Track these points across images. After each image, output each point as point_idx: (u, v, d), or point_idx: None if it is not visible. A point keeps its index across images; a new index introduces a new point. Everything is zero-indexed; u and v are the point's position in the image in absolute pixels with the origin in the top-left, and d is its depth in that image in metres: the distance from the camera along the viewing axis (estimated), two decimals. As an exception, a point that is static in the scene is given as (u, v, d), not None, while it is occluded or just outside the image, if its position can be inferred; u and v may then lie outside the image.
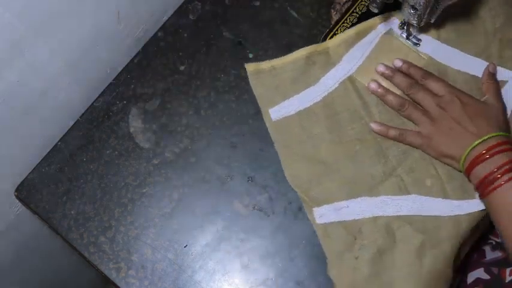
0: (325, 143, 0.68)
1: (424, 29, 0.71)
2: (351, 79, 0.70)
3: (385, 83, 0.69)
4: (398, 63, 0.69)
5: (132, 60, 0.74)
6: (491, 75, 0.67)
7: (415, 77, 0.67)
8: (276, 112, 0.70)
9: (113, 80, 0.73)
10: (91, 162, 0.70)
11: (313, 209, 0.66)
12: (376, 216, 0.65)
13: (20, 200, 0.69)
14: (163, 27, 0.75)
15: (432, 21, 0.66)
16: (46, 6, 0.59)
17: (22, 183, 0.69)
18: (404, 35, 0.71)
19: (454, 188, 0.65)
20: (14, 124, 0.67)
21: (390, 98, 0.67)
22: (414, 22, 0.66)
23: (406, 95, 0.67)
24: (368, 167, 0.67)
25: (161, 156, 0.70)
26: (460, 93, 0.64)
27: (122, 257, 0.66)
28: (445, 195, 0.65)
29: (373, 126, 0.67)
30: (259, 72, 0.72)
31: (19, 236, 0.82)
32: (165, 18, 0.78)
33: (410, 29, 0.71)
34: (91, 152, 0.70)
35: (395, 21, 0.72)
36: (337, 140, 0.68)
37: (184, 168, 0.69)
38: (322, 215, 0.65)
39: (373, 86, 0.68)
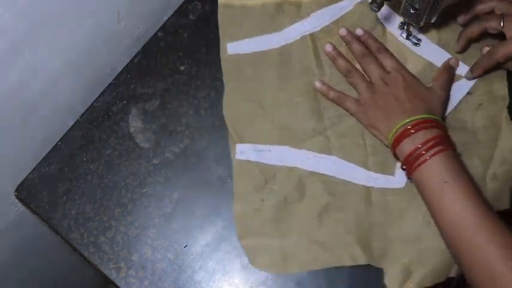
0: (270, 88, 0.71)
1: (424, 29, 0.71)
2: (312, 36, 0.72)
3: (343, 49, 0.71)
4: (359, 32, 0.70)
5: (132, 60, 0.74)
6: (448, 67, 0.68)
7: (371, 48, 0.69)
8: (233, 47, 0.72)
9: (113, 80, 0.73)
10: (91, 162, 0.70)
11: (237, 144, 0.68)
12: (293, 167, 0.67)
13: (20, 200, 0.69)
14: (163, 27, 0.75)
15: (432, 21, 0.66)
16: (46, 6, 0.59)
17: (22, 183, 0.69)
18: (404, 35, 0.71)
19: (375, 161, 0.67)
20: (14, 124, 0.67)
21: (340, 62, 0.69)
22: (414, 22, 0.66)
23: (358, 62, 0.69)
24: (301, 121, 0.69)
25: (161, 156, 0.70)
26: (407, 73, 0.66)
27: (122, 257, 0.66)
28: (365, 167, 0.67)
29: (317, 83, 0.69)
30: (230, 6, 0.74)
31: (19, 236, 0.82)
32: (165, 18, 0.78)
33: (410, 29, 0.71)
34: (91, 152, 0.70)
35: (395, 21, 0.73)
36: (283, 87, 0.71)
37: (184, 168, 0.69)
38: (243, 152, 0.68)
39: (329, 47, 0.70)
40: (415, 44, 0.71)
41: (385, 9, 0.72)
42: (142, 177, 0.69)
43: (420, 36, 0.71)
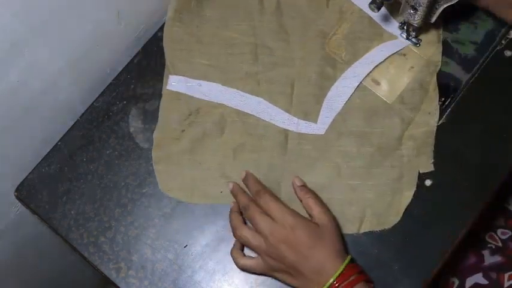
0: (211, 26, 0.72)
1: (424, 29, 0.71)
2: None
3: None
4: (242, 174, 0.66)
5: (132, 60, 0.74)
6: (303, 189, 0.63)
7: (251, 191, 0.64)
8: None
9: (113, 80, 0.73)
10: (91, 162, 0.70)
11: (170, 75, 0.70)
12: (219, 104, 0.69)
13: (20, 200, 0.69)
14: (163, 27, 0.75)
15: (432, 21, 0.66)
16: (46, 6, 0.59)
17: (22, 183, 0.69)
18: (404, 35, 0.71)
19: (298, 110, 0.68)
20: (14, 124, 0.67)
21: (241, 197, 0.63)
22: (414, 22, 0.66)
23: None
24: (236, 61, 0.71)
25: (161, 156, 0.70)
26: (291, 218, 0.59)
27: (122, 257, 0.66)
28: (288, 112, 0.68)
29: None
30: None
31: (19, 236, 0.82)
32: (165, 18, 0.77)
33: (410, 29, 0.71)
34: (91, 152, 0.70)
35: (395, 22, 0.72)
36: (223, 27, 0.72)
37: (184, 168, 0.69)
38: (175, 83, 0.70)
39: (230, 185, 0.65)
40: (415, 44, 0.71)
41: (384, 9, 0.72)
42: (142, 177, 0.69)
43: (420, 36, 0.71)
